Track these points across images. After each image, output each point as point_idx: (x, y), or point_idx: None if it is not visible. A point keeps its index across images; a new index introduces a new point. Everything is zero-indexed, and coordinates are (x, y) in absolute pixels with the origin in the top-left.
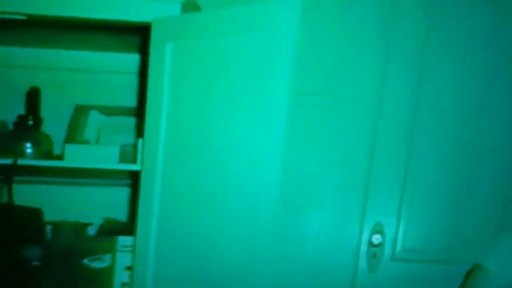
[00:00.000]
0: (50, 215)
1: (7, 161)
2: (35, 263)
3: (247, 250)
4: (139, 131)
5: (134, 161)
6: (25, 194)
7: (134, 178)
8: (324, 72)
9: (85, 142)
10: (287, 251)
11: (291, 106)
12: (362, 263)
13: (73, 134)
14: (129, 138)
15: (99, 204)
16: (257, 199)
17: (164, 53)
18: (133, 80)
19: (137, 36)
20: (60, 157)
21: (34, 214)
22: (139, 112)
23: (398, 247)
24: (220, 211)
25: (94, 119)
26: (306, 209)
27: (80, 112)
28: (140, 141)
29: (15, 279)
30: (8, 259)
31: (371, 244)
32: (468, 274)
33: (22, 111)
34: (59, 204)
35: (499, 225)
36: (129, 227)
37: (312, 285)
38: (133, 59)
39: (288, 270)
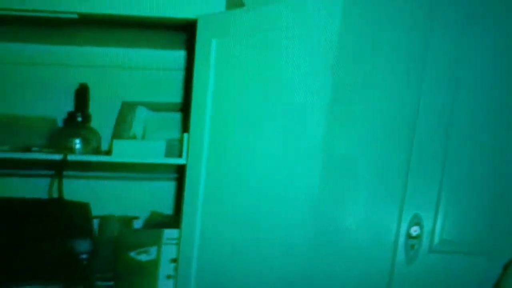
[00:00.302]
0: (97, 209)
1: (58, 157)
2: (84, 256)
3: (286, 244)
4: (185, 126)
5: (179, 155)
6: (73, 189)
7: (180, 172)
8: (363, 62)
9: (133, 137)
10: (325, 244)
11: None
12: (400, 255)
13: (120, 130)
14: (175, 133)
15: (145, 198)
16: (297, 193)
17: (209, 49)
18: (179, 76)
19: (183, 32)
20: (108, 152)
21: (83, 208)
22: (185, 107)
23: (436, 239)
24: (262, 205)
25: (141, 114)
26: (345, 203)
27: (127, 108)
28: (185, 135)
29: (64, 272)
30: (58, 252)
31: (409, 236)
32: (506, 266)
33: (71, 108)
34: (106, 198)
35: None
36: (174, 220)
37: (350, 276)
38: (179, 55)
39: (326, 262)
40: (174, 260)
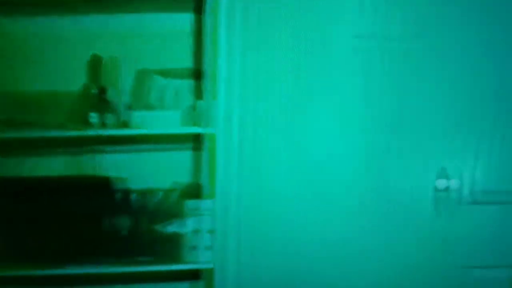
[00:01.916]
0: (135, 183)
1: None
2: (124, 232)
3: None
4: (198, 94)
5: (198, 124)
6: (109, 164)
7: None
8: None
9: (151, 107)
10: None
11: None
12: (438, 207)
13: (137, 99)
14: (190, 100)
15: (180, 168)
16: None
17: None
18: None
19: None
20: (126, 124)
21: (121, 184)
22: (195, 74)
23: (476, 189)
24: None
25: (157, 83)
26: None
27: (142, 77)
28: (199, 103)
29: (107, 248)
30: (100, 229)
31: (446, 188)
32: None
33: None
34: (142, 171)
35: None
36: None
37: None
38: (187, 18)
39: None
40: (211, 231)
